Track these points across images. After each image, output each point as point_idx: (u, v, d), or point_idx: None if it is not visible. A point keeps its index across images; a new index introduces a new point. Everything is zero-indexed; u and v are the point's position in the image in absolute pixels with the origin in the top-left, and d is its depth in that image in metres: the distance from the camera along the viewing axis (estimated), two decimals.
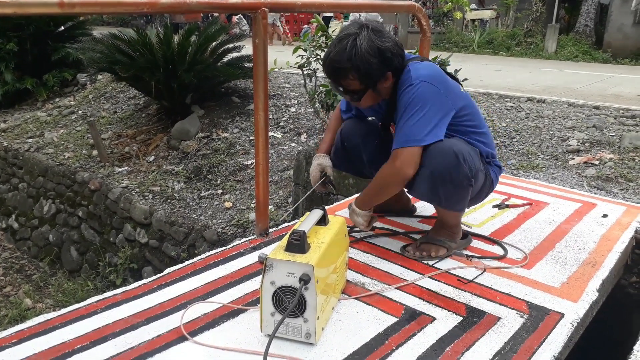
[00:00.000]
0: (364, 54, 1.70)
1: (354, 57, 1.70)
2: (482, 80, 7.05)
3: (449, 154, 1.73)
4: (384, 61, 1.74)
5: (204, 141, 5.69)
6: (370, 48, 1.71)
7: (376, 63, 1.73)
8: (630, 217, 2.41)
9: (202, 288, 1.70)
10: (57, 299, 4.78)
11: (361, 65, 1.72)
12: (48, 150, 6.33)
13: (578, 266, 1.90)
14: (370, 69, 1.73)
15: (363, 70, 1.73)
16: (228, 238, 4.04)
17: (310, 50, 3.87)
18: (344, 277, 1.69)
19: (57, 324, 1.46)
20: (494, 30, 13.81)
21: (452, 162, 1.72)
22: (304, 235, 1.36)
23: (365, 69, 1.72)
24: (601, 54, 12.01)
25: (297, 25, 15.14)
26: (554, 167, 3.55)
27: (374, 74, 1.76)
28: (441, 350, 1.38)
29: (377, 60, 1.72)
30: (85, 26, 9.10)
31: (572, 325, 1.52)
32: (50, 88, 8.19)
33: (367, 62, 1.71)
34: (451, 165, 1.72)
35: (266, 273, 1.34)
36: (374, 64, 1.72)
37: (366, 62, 1.71)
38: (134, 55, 5.86)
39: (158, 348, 1.37)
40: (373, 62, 1.72)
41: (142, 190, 5.04)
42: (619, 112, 4.87)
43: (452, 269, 1.85)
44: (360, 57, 1.70)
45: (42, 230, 5.84)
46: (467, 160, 1.75)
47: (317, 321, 1.35)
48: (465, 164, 1.74)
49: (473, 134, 1.89)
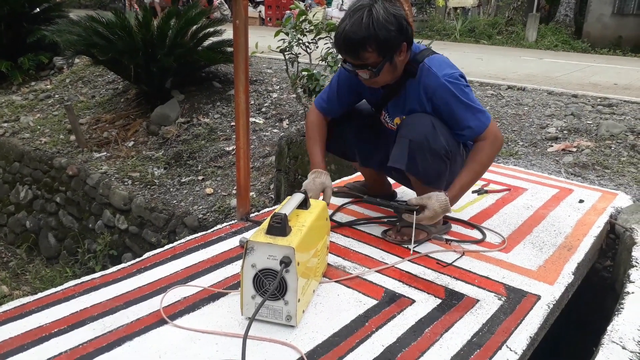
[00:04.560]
0: (382, 22, 1.67)
1: (372, 26, 1.67)
2: (464, 68, 7.00)
3: (427, 125, 1.80)
4: (400, 29, 1.72)
5: (184, 126, 5.62)
6: (387, 16, 1.68)
7: (394, 31, 1.70)
8: (605, 203, 2.46)
9: (182, 272, 1.69)
10: (34, 285, 4.70)
11: (380, 34, 1.68)
12: (24, 135, 6.18)
13: (554, 250, 1.94)
14: (390, 37, 1.70)
15: (383, 39, 1.69)
16: (209, 224, 4.01)
17: (292, 35, 3.84)
18: (325, 261, 1.69)
19: (33, 308, 1.44)
20: (476, 18, 13.85)
21: (430, 131, 1.79)
22: (285, 218, 1.36)
23: (384, 37, 1.69)
24: (580, 43, 12.16)
25: (279, 10, 14.97)
26: (532, 154, 3.59)
27: (393, 43, 1.73)
28: (420, 332, 1.40)
29: (395, 27, 1.70)
30: (61, 8, 8.85)
31: (548, 307, 1.55)
32: (26, 71, 7.97)
33: (387, 30, 1.68)
34: (429, 133, 1.79)
35: (247, 256, 1.34)
36: (392, 31, 1.70)
37: (385, 29, 1.68)
38: (113, 38, 5.73)
39: (137, 331, 1.36)
40: (392, 30, 1.69)
41: (121, 176, 4.97)
42: (597, 101, 4.95)
43: (432, 253, 1.87)
44: (379, 26, 1.67)
45: (19, 217, 5.73)
46: (444, 135, 1.81)
47: (297, 304, 1.35)
48: (442, 136, 1.80)
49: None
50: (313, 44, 3.95)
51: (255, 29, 13.16)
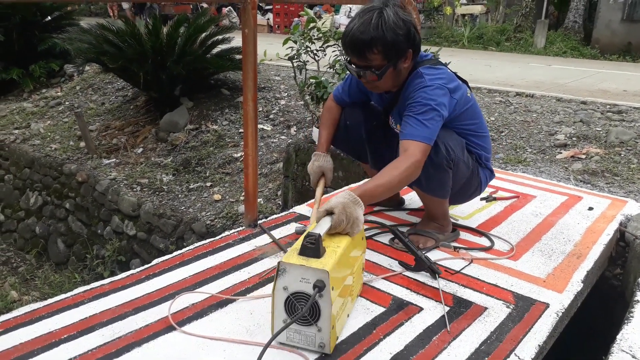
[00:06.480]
0: (391, 25, 1.68)
1: (381, 28, 1.67)
2: (472, 75, 7.06)
3: None
4: (408, 36, 1.72)
5: (193, 133, 5.65)
6: (397, 20, 1.69)
7: (402, 36, 1.70)
8: (615, 210, 2.44)
9: (191, 278, 1.70)
10: (43, 291, 4.74)
11: (388, 37, 1.68)
12: (34, 141, 6.25)
13: (563, 258, 1.93)
14: (397, 41, 1.70)
15: (390, 42, 1.69)
16: (217, 230, 4.03)
17: (301, 42, 3.86)
18: (360, 281, 1.61)
19: (43, 314, 1.45)
20: (484, 25, 13.84)
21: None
22: (319, 238, 1.28)
23: (392, 40, 1.69)
24: (589, 49, 12.09)
25: (287, 18, 15.07)
26: (541, 161, 3.58)
27: (399, 48, 1.72)
28: (428, 340, 1.40)
29: (403, 32, 1.70)
30: (72, 16, 8.96)
31: (557, 315, 1.54)
32: (37, 79, 8.06)
33: (395, 34, 1.68)
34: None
35: (279, 278, 1.26)
36: (400, 36, 1.70)
37: (393, 33, 1.68)
38: (122, 46, 5.79)
39: (146, 337, 1.37)
40: (400, 34, 1.70)
41: (130, 182, 5.01)
42: (606, 107, 4.92)
43: (439, 260, 1.86)
44: (388, 28, 1.67)
45: (29, 223, 5.78)
46: (446, 144, 1.78)
47: (331, 330, 1.28)
48: (442, 146, 1.77)
49: (472, 137, 1.94)
50: (321, 51, 3.97)
51: (264, 36, 13.24)
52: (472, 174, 1.96)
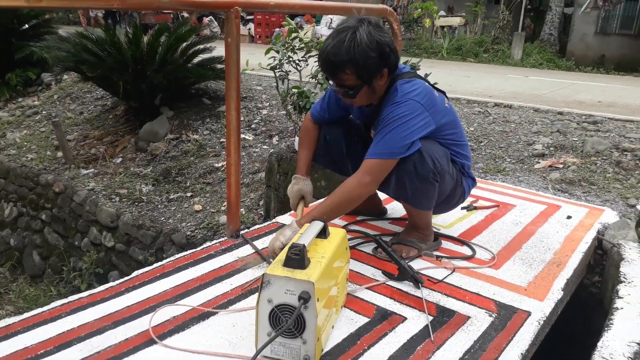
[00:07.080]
0: (363, 48, 1.66)
1: (352, 51, 1.66)
2: (451, 86, 7.15)
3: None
4: (381, 56, 1.71)
5: (173, 143, 5.60)
6: (370, 42, 1.67)
7: (375, 57, 1.69)
8: (592, 219, 2.49)
9: (171, 291, 1.67)
10: (18, 305, 4.61)
11: (360, 59, 1.67)
12: (10, 151, 6.12)
13: (544, 266, 1.95)
14: (369, 63, 1.69)
15: (361, 64, 1.69)
16: (197, 241, 3.98)
17: (283, 52, 3.86)
18: (344, 292, 1.61)
19: (19, 329, 1.41)
20: (463, 37, 14.08)
21: (416, 156, 1.76)
22: (304, 249, 1.27)
23: (363, 63, 1.68)
24: (565, 61, 12.40)
25: (268, 28, 15.11)
26: (520, 171, 3.63)
27: (372, 69, 1.72)
28: (412, 350, 1.39)
29: (376, 54, 1.69)
30: (51, 24, 8.83)
31: (539, 324, 1.56)
32: (13, 87, 7.91)
33: (366, 56, 1.68)
34: (416, 158, 1.76)
35: (263, 290, 1.25)
36: (372, 58, 1.69)
37: (365, 56, 1.67)
38: (102, 54, 5.73)
39: (126, 352, 1.33)
40: (372, 57, 1.69)
41: (108, 192, 4.92)
42: (582, 118, 5.03)
43: (422, 269, 1.86)
44: (359, 51, 1.66)
45: (3, 234, 5.63)
46: (432, 156, 1.79)
47: (316, 342, 1.26)
48: (429, 158, 1.77)
49: (453, 146, 1.95)
50: (303, 61, 3.98)
51: (245, 46, 13.18)
52: (457, 184, 1.98)
